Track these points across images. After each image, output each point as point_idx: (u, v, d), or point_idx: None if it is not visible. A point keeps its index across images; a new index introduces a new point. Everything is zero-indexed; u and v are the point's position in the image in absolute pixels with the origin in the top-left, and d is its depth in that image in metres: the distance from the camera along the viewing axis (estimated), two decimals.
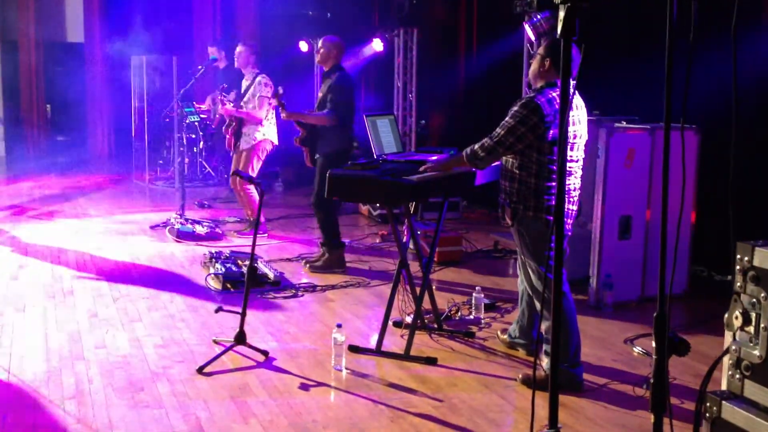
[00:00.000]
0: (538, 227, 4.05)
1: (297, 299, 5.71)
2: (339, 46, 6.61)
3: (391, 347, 4.65)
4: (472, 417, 3.77)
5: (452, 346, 4.77)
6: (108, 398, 3.90)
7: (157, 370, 4.29)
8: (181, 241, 7.46)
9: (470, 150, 4.15)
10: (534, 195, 4.03)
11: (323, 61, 6.55)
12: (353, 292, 5.94)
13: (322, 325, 5.10)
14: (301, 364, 4.42)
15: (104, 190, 10.89)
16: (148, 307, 5.43)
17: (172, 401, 3.88)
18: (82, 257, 6.85)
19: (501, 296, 5.79)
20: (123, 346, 4.66)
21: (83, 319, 5.14)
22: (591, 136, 4.73)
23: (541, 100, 3.99)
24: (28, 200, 9.75)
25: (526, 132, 3.96)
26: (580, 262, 5.69)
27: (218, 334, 4.83)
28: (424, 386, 4.14)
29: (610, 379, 4.26)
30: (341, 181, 4.58)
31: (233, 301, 5.43)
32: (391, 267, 6.39)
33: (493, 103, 9.38)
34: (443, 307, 5.33)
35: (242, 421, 3.69)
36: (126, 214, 8.95)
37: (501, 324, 5.16)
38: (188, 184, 9.51)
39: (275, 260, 6.75)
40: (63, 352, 4.55)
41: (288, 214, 8.96)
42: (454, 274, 6.50)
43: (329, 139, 6.37)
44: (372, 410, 3.84)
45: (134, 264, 6.65)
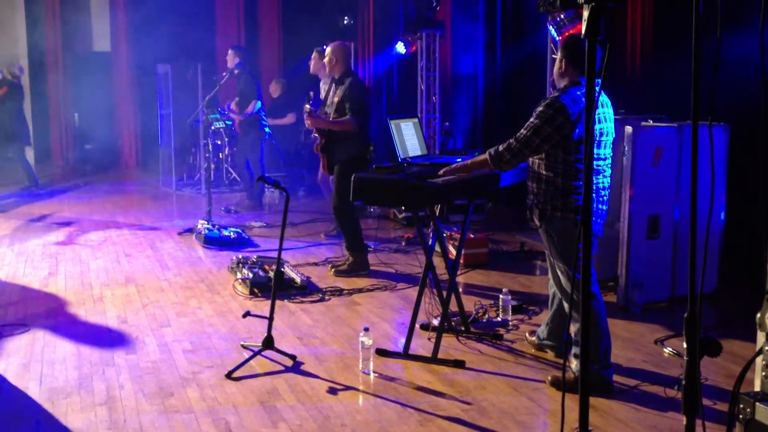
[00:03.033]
0: (567, 227, 4.01)
1: (324, 303, 5.72)
2: (345, 50, 6.63)
3: (419, 350, 4.64)
4: (501, 420, 3.75)
5: (480, 348, 4.75)
6: (138, 404, 3.94)
7: (187, 375, 4.32)
8: (209, 247, 7.50)
9: (495, 152, 4.13)
10: (562, 195, 4.00)
11: (332, 68, 6.56)
12: (380, 296, 5.94)
13: (349, 329, 5.11)
14: (329, 368, 4.43)
15: (132, 197, 10.99)
16: (176, 313, 5.47)
17: (202, 406, 3.90)
18: (110, 264, 6.92)
19: (528, 298, 5.76)
20: (153, 351, 4.70)
21: (113, 325, 5.19)
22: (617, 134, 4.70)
23: (566, 99, 3.96)
24: (57, 208, 9.87)
25: (552, 132, 3.93)
26: (608, 263, 5.64)
27: (246, 339, 4.85)
28: (452, 389, 4.12)
29: (640, 380, 4.21)
30: (366, 184, 4.58)
31: (260, 306, 5.46)
32: (417, 270, 6.38)
33: (517, 103, 9.35)
34: (470, 309, 5.31)
35: (271, 425, 3.70)
36: (154, 220, 9.03)
37: (529, 326, 5.13)
38: (214, 190, 9.56)
39: (302, 265, 6.77)
40: (93, 358, 4.59)
41: (313, 218, 8.98)
42: (480, 277, 6.48)
43: (346, 145, 6.39)
44: (400, 413, 3.83)
45: (163, 270, 6.71)
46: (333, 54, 6.54)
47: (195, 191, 11.06)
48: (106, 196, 10.93)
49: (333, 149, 6.47)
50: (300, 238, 7.95)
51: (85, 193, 11.30)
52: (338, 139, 6.42)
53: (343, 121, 6.35)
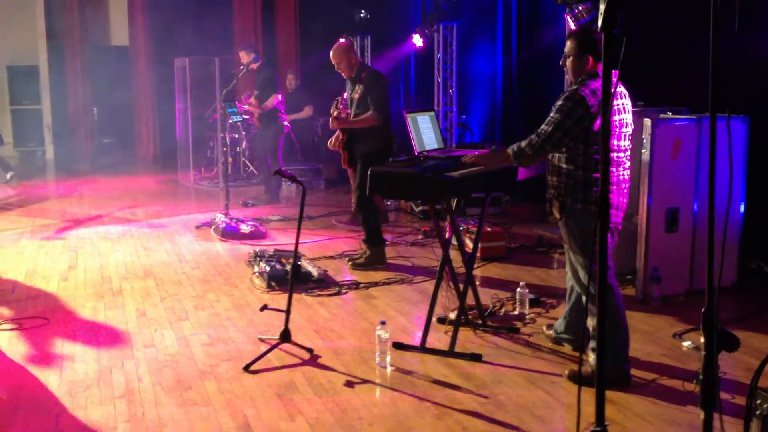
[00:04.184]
0: (587, 220, 3.99)
1: (341, 297, 5.73)
2: (347, 48, 6.61)
3: (436, 344, 4.64)
4: (518, 413, 3.75)
5: (497, 342, 4.75)
6: (157, 396, 3.97)
7: (205, 368, 4.35)
8: (226, 240, 7.54)
9: (517, 147, 4.11)
10: (582, 188, 3.98)
11: (344, 70, 6.54)
12: (396, 289, 5.94)
13: (366, 323, 5.11)
14: (345, 362, 4.44)
15: (150, 191, 11.06)
16: (194, 306, 5.50)
17: (220, 399, 3.93)
18: (129, 257, 6.97)
19: (546, 291, 5.74)
20: (171, 344, 4.74)
21: (132, 319, 5.23)
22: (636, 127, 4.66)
23: (585, 91, 3.94)
24: (76, 202, 9.95)
25: (573, 125, 3.92)
26: (626, 256, 5.61)
27: (264, 332, 4.87)
28: (469, 383, 4.12)
29: (658, 374, 4.19)
30: (383, 178, 4.59)
31: (278, 299, 5.48)
32: (434, 263, 6.38)
33: (535, 95, 9.30)
34: (487, 303, 5.30)
35: (289, 418, 3.72)
36: (172, 214, 9.08)
37: (546, 319, 5.11)
38: (232, 184, 9.60)
39: (318, 258, 6.79)
40: (113, 351, 4.63)
41: (330, 212, 8.99)
42: (497, 270, 6.46)
43: (370, 138, 6.39)
44: (417, 407, 3.84)
45: (181, 263, 6.75)
46: (336, 59, 6.52)
47: (213, 185, 11.11)
48: (124, 190, 11.01)
49: (355, 144, 6.48)
50: (317, 232, 7.96)
51: (104, 186, 11.38)
52: (361, 134, 6.43)
53: (367, 118, 6.35)
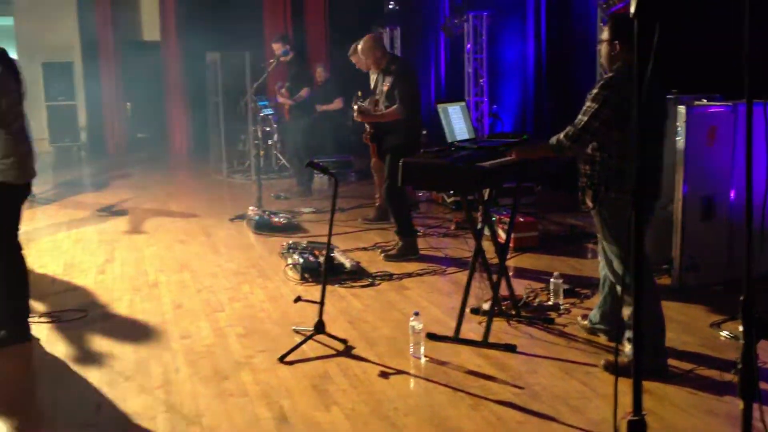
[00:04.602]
0: (620, 209, 3.96)
1: (374, 288, 5.75)
2: (374, 42, 6.61)
3: (469, 334, 4.64)
4: (553, 404, 3.74)
5: (531, 332, 4.73)
6: (194, 387, 4.02)
7: (241, 359, 4.39)
8: (260, 233, 7.60)
9: (556, 140, 4.09)
10: (616, 176, 3.95)
11: (377, 64, 6.54)
12: (429, 280, 5.95)
13: (400, 313, 5.13)
14: (380, 353, 4.46)
15: (184, 185, 11.17)
16: (229, 298, 5.56)
17: (256, 390, 3.97)
18: (165, 250, 7.06)
19: (580, 281, 5.70)
20: (207, 336, 4.79)
21: (168, 311, 5.30)
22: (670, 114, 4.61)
23: (620, 78, 3.91)
24: (112, 197, 10.08)
25: (610, 114, 3.88)
26: (662, 245, 5.55)
27: (298, 324, 4.90)
28: (503, 373, 4.12)
29: (695, 364, 4.15)
30: (414, 169, 4.59)
31: (311, 291, 5.51)
32: (467, 254, 6.37)
33: (567, 84, 9.23)
34: (521, 293, 5.29)
35: (324, 409, 3.75)
36: (205, 207, 9.17)
37: (581, 310, 5.08)
38: (264, 177, 9.67)
39: (351, 250, 6.81)
40: (150, 342, 4.70)
41: (362, 203, 9.01)
42: (530, 260, 6.44)
43: (398, 131, 6.39)
44: (452, 398, 3.85)
45: (215, 256, 6.82)
46: (363, 53, 6.54)
47: (245, 178, 11.18)
48: (158, 184, 11.13)
49: (384, 137, 6.49)
50: (349, 223, 7.99)
51: (139, 181, 11.52)
52: (389, 126, 6.43)
53: (391, 112, 6.36)
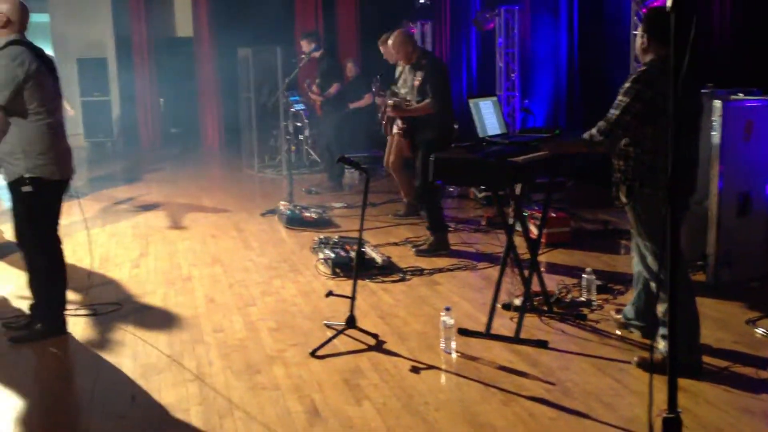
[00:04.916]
0: (655, 204, 3.92)
1: (405, 283, 5.75)
2: (405, 36, 6.60)
3: (501, 330, 4.63)
4: (586, 400, 3.72)
5: (563, 328, 4.71)
6: (227, 380, 4.06)
7: (273, 353, 4.43)
8: (291, 228, 7.63)
9: (588, 135, 4.06)
10: (650, 171, 3.91)
11: (408, 59, 6.53)
12: (460, 275, 5.94)
13: (431, 308, 5.13)
14: (411, 347, 4.46)
15: (216, 180, 11.26)
16: (261, 292, 5.59)
17: (288, 383, 4.00)
18: (197, 245, 7.12)
19: (613, 277, 5.65)
20: (239, 329, 4.83)
21: (201, 304, 5.35)
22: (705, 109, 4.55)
23: (653, 72, 3.87)
24: (145, 191, 10.19)
25: (642, 108, 3.84)
26: (697, 241, 5.48)
27: (329, 318, 4.92)
28: (535, 369, 4.10)
29: (731, 361, 4.10)
30: (445, 164, 4.58)
31: (343, 286, 5.53)
32: (498, 249, 6.35)
33: (599, 78, 9.14)
34: (553, 289, 5.25)
35: (356, 403, 3.76)
36: (237, 202, 9.23)
37: (614, 306, 5.04)
38: (295, 172, 9.71)
39: (382, 245, 6.82)
40: (184, 335, 4.75)
41: (393, 198, 9.01)
42: (563, 256, 6.39)
43: (431, 125, 6.38)
44: (483, 393, 3.84)
45: (247, 250, 6.87)
46: (394, 48, 6.55)
47: (276, 173, 11.24)
48: (191, 179, 11.23)
49: (416, 132, 6.48)
50: (380, 218, 7.99)
51: (172, 175, 11.63)
52: (421, 122, 6.42)
53: (424, 106, 6.35)
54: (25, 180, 4.51)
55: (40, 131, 4.51)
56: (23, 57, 4.40)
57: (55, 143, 4.59)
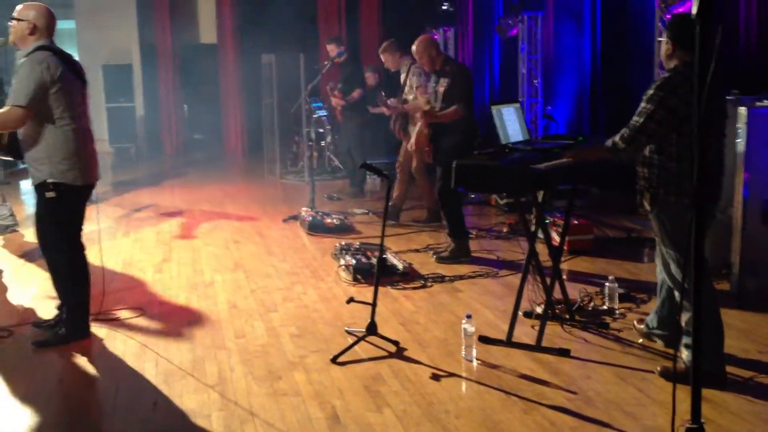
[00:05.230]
0: (680, 212, 3.89)
1: (426, 289, 5.75)
2: (430, 41, 6.61)
3: (522, 338, 4.61)
4: (608, 410, 3.69)
5: (585, 337, 4.67)
6: (248, 386, 4.07)
7: (294, 359, 4.43)
8: (313, 234, 7.65)
9: (611, 142, 4.03)
10: (675, 179, 3.87)
11: (431, 65, 6.54)
12: (481, 282, 5.92)
13: (452, 316, 5.12)
14: (431, 355, 4.45)
15: (239, 185, 11.32)
16: (283, 298, 5.61)
17: (309, 390, 4.00)
18: (220, 250, 7.16)
19: (636, 286, 5.61)
20: (261, 335, 4.85)
21: (223, 310, 5.38)
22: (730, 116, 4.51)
23: (676, 79, 3.84)
24: (168, 197, 10.27)
25: (666, 115, 3.81)
26: (721, 250, 5.43)
27: (350, 325, 4.93)
28: (557, 378, 4.08)
29: (756, 372, 4.05)
30: (468, 170, 4.57)
31: (364, 292, 5.53)
32: (520, 256, 6.32)
33: (623, 85, 9.09)
34: (575, 297, 5.22)
35: (376, 410, 3.76)
36: (260, 208, 9.27)
37: (636, 315, 5.00)
38: (317, 178, 9.74)
39: (403, 251, 6.81)
40: (206, 341, 4.77)
41: (414, 205, 9.00)
42: (585, 264, 6.35)
43: (455, 131, 6.37)
44: (504, 401, 3.82)
45: (269, 256, 6.89)
46: (418, 53, 6.55)
47: (298, 179, 11.28)
48: (214, 184, 11.29)
49: (440, 138, 6.48)
50: (402, 225, 7.99)
51: (195, 181, 11.71)
52: (445, 127, 6.42)
53: (453, 111, 6.34)
54: (48, 185, 4.57)
55: (65, 136, 4.56)
56: (49, 61, 4.45)
57: (80, 148, 4.63)
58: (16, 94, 4.39)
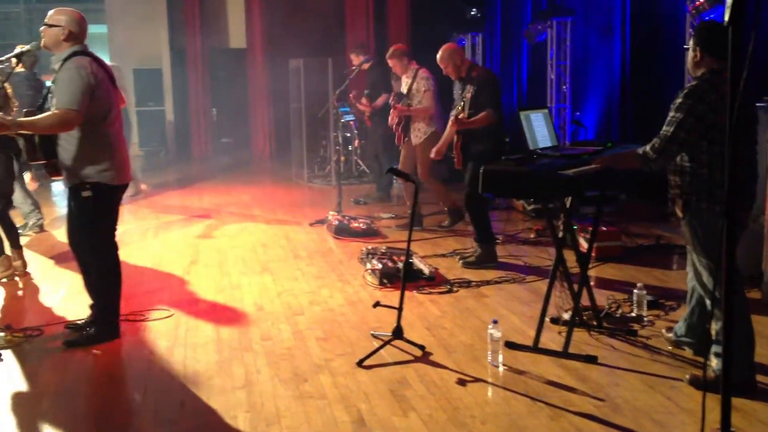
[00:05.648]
0: (712, 220, 3.85)
1: (452, 294, 5.74)
2: (454, 48, 6.62)
3: (549, 344, 4.58)
4: (636, 418, 3.66)
5: (613, 344, 4.64)
6: (275, 388, 4.09)
7: (320, 362, 4.45)
8: (339, 238, 7.67)
9: (642, 152, 4.00)
10: (707, 186, 3.84)
11: (457, 72, 6.54)
12: (508, 288, 5.89)
13: (478, 321, 5.10)
14: (457, 360, 4.44)
15: (266, 189, 11.38)
16: (309, 302, 5.63)
17: (335, 393, 4.01)
18: (247, 253, 7.20)
19: (665, 293, 5.55)
20: (287, 338, 4.87)
21: (250, 312, 5.41)
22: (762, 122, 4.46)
23: (704, 86, 3.81)
24: (196, 200, 10.36)
25: (696, 123, 3.78)
26: (753, 258, 5.36)
27: (376, 329, 4.93)
28: (584, 385, 4.05)
29: None
30: (495, 176, 4.56)
31: (390, 296, 5.54)
32: (546, 262, 6.29)
33: (652, 91, 9.01)
34: (602, 303, 5.18)
35: (402, 414, 3.76)
36: (287, 211, 9.32)
37: (665, 322, 4.95)
38: (344, 182, 9.76)
39: (429, 256, 6.81)
40: (232, 343, 4.81)
41: (441, 210, 8.99)
42: (613, 270, 6.30)
43: (484, 137, 6.35)
44: (530, 407, 3.80)
45: (296, 260, 6.92)
46: (443, 61, 6.56)
47: (325, 183, 11.32)
48: (242, 188, 11.36)
49: (469, 144, 6.46)
50: (428, 229, 7.98)
51: (222, 184, 11.79)
52: (473, 134, 6.41)
53: (483, 117, 6.32)
54: (85, 185, 4.64)
55: (102, 138, 4.64)
56: (92, 67, 4.57)
57: (115, 150, 4.72)
58: (65, 98, 4.46)
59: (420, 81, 7.78)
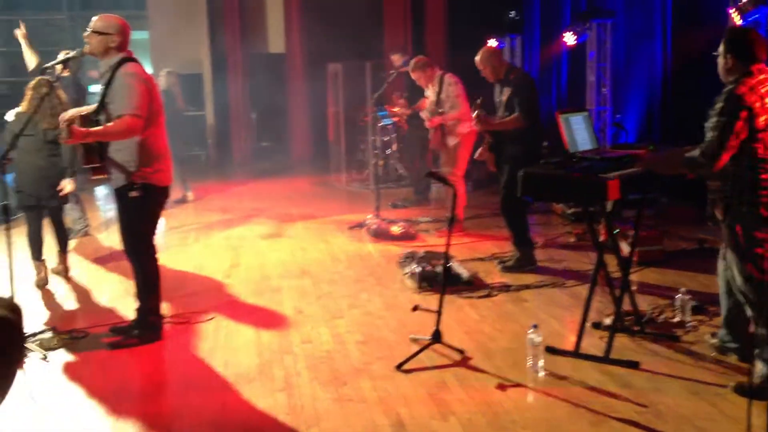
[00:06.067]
0: (753, 223, 3.78)
1: (491, 299, 5.71)
2: (493, 51, 6.60)
3: (590, 349, 4.54)
4: (679, 425, 3.61)
5: (655, 349, 4.58)
6: (314, 391, 4.12)
7: (359, 365, 4.46)
8: (378, 241, 7.69)
9: (690, 157, 3.94)
10: (749, 188, 3.78)
11: (495, 75, 6.51)
12: (548, 293, 5.85)
13: (517, 325, 5.07)
14: (497, 364, 4.43)
15: (305, 193, 11.45)
16: (348, 305, 5.65)
17: (374, 396, 4.02)
18: (287, 256, 7.26)
19: (709, 298, 5.45)
20: (327, 341, 4.90)
21: (290, 315, 5.45)
22: None
23: (743, 89, 3.77)
24: (236, 203, 10.45)
25: (743, 126, 3.74)
26: None
27: (415, 332, 4.93)
28: (626, 390, 4.00)
29: None
30: (535, 179, 4.54)
31: (428, 300, 5.53)
32: (587, 267, 6.23)
33: (694, 93, 8.88)
34: (645, 308, 5.12)
35: (441, 418, 3.75)
36: (326, 215, 9.36)
37: (709, 327, 4.88)
38: (382, 186, 9.78)
39: (468, 260, 6.79)
40: (273, 346, 4.85)
41: (479, 213, 8.97)
42: (655, 275, 6.22)
43: (519, 140, 6.31)
44: (571, 413, 3.77)
45: (334, 263, 6.95)
46: (481, 64, 6.54)
47: (364, 186, 11.35)
48: (281, 192, 11.44)
49: (504, 147, 6.44)
50: (466, 233, 7.96)
51: (262, 188, 11.89)
52: (508, 136, 6.38)
53: (511, 120, 6.30)
54: (134, 185, 4.72)
55: (151, 141, 4.74)
56: (145, 74, 4.73)
57: (164, 152, 4.83)
58: (128, 105, 4.57)
59: (448, 87, 7.80)
